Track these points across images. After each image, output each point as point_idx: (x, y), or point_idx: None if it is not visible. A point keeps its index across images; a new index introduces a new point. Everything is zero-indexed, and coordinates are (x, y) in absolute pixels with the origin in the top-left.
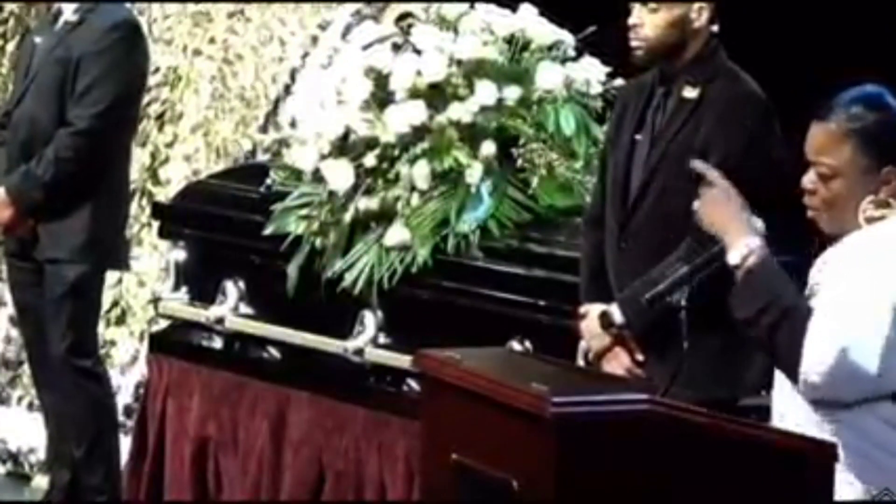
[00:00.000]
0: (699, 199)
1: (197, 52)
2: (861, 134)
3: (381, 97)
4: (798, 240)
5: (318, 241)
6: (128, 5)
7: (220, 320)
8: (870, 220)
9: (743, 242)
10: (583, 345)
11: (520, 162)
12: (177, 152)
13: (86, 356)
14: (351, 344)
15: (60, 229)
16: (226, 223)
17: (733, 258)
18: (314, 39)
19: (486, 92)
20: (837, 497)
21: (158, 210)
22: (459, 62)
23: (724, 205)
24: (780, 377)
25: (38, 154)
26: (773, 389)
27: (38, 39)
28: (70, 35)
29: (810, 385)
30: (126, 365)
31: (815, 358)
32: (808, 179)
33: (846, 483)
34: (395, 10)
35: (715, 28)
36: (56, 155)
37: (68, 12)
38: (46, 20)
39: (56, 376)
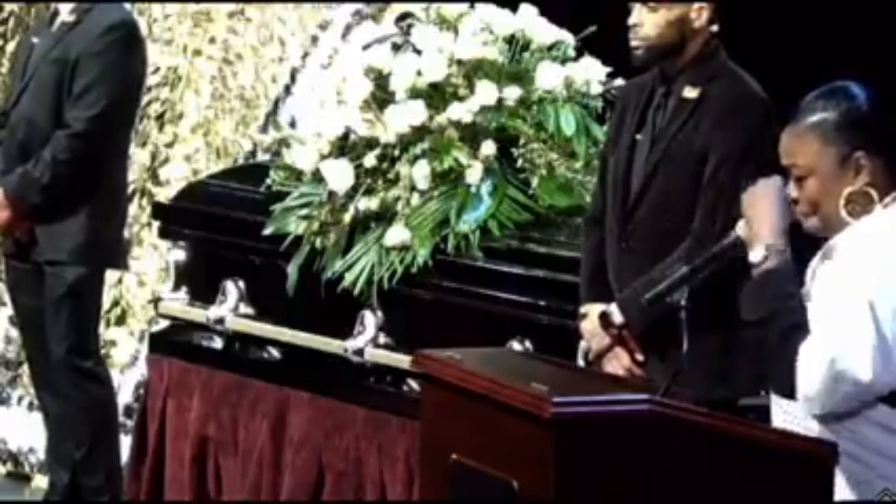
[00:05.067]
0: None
1: (197, 52)
2: (822, 126)
3: (381, 97)
4: (795, 240)
5: (318, 241)
6: (127, 6)
7: (220, 320)
8: (853, 214)
9: (768, 242)
10: (583, 345)
11: (520, 162)
12: (177, 152)
13: (87, 357)
14: (351, 344)
15: (59, 231)
16: (226, 223)
17: (754, 256)
18: (314, 39)
19: (486, 92)
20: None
21: (158, 210)
22: (459, 62)
23: (769, 199)
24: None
25: (36, 155)
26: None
27: (35, 40)
28: (67, 36)
29: (809, 403)
30: (126, 365)
31: (809, 375)
32: (791, 188)
33: (846, 492)
34: (395, 10)
35: (715, 28)
36: (53, 157)
37: (65, 13)
38: (44, 20)
39: (57, 377)
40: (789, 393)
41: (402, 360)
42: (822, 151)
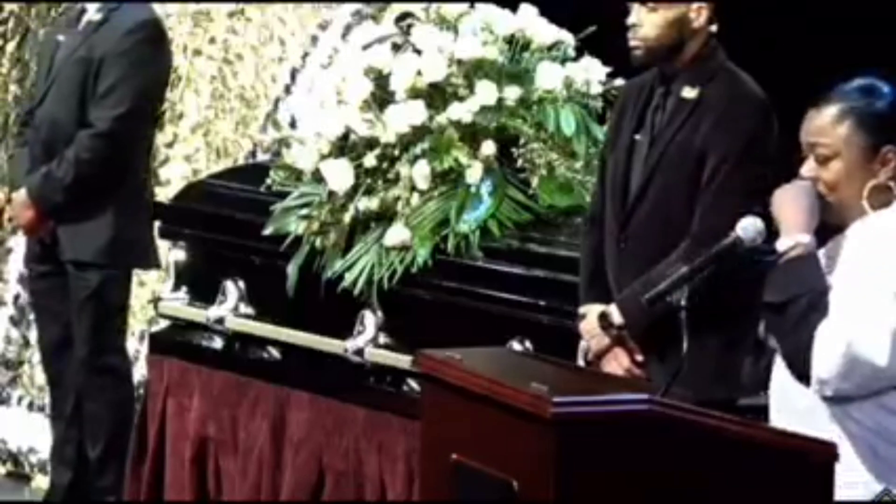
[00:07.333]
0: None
1: (197, 52)
2: (857, 113)
3: (381, 97)
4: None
5: (318, 241)
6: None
7: (220, 320)
8: (873, 207)
9: (796, 236)
10: (583, 345)
11: (520, 162)
12: (177, 152)
13: (111, 355)
14: (351, 344)
15: (82, 231)
16: (226, 223)
17: (781, 245)
18: (314, 39)
19: (486, 92)
20: (839, 496)
21: (158, 210)
22: (459, 62)
23: (797, 197)
24: (778, 373)
25: (59, 155)
26: (770, 387)
27: (61, 38)
28: (93, 35)
29: (822, 385)
30: None
31: (824, 356)
32: (806, 168)
33: (852, 479)
34: (395, 10)
35: (714, 28)
36: (76, 157)
37: (92, 11)
38: (70, 19)
39: (79, 377)
40: (803, 374)
41: (402, 360)
42: (852, 138)
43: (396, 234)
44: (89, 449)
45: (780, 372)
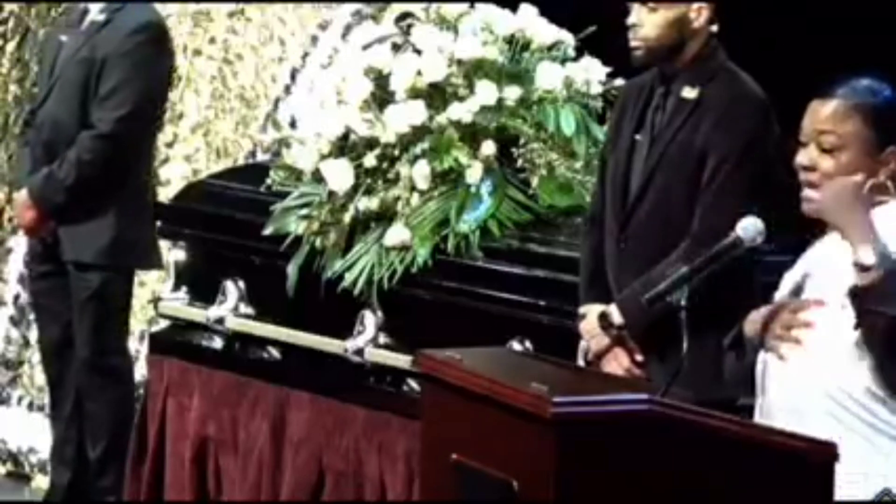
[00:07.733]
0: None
1: (197, 52)
2: (867, 109)
3: (381, 97)
4: (794, 240)
5: (318, 241)
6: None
7: (220, 320)
8: (872, 205)
9: (874, 244)
10: (583, 345)
11: (520, 162)
12: (177, 152)
13: (112, 356)
14: (351, 344)
15: (84, 231)
16: (226, 223)
17: (868, 258)
18: (314, 39)
19: (486, 92)
20: (841, 493)
21: (158, 210)
22: (459, 62)
23: (852, 199)
24: (777, 372)
25: (61, 156)
26: (767, 388)
27: (63, 38)
28: (96, 36)
29: None
30: None
31: None
32: (805, 156)
33: (853, 477)
34: (395, 10)
35: (714, 28)
36: (78, 158)
37: (95, 12)
38: (73, 19)
39: (80, 377)
40: None
41: (402, 360)
42: (861, 133)
43: (396, 234)
44: (89, 449)
45: (779, 371)
